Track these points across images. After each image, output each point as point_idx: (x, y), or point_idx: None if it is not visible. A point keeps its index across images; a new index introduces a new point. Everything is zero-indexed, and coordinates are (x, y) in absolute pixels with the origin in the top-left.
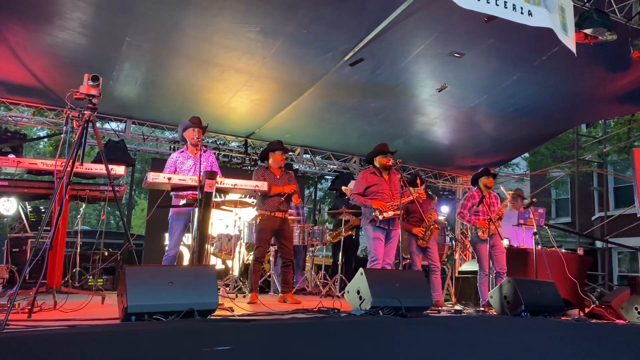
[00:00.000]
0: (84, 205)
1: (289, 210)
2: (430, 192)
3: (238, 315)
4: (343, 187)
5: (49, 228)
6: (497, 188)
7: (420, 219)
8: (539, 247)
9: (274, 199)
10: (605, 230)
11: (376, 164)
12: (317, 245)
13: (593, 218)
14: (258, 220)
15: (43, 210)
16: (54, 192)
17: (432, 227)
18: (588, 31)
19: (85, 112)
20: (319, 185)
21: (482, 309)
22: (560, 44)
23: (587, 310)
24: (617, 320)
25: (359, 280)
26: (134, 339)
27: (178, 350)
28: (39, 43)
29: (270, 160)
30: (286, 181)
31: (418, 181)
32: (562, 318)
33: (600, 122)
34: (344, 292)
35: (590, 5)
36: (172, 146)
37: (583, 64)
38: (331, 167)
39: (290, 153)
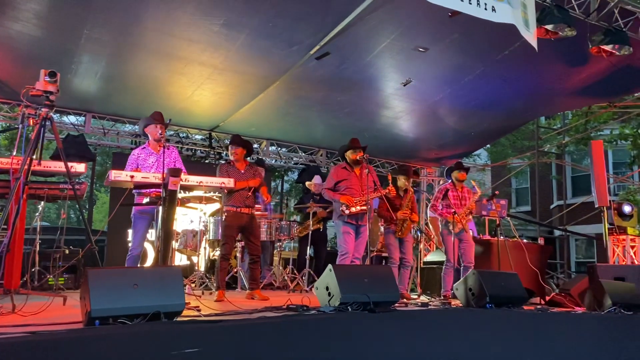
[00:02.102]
0: (42, 202)
1: (256, 206)
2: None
3: (205, 316)
4: (307, 183)
5: (5, 227)
6: (467, 181)
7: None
8: (502, 238)
9: (240, 194)
10: (565, 218)
11: (347, 158)
12: (284, 239)
13: (552, 206)
14: (224, 217)
15: None
16: (10, 192)
17: (407, 220)
18: (549, 27)
19: (43, 109)
20: (285, 178)
21: (444, 300)
22: (521, 39)
23: (547, 298)
24: (576, 308)
25: (328, 276)
26: (99, 345)
27: (145, 355)
28: None
29: (230, 155)
30: (251, 176)
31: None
32: (525, 308)
33: (559, 114)
34: (312, 287)
35: (551, 1)
36: (134, 140)
37: (543, 59)
38: (297, 160)
39: (256, 146)
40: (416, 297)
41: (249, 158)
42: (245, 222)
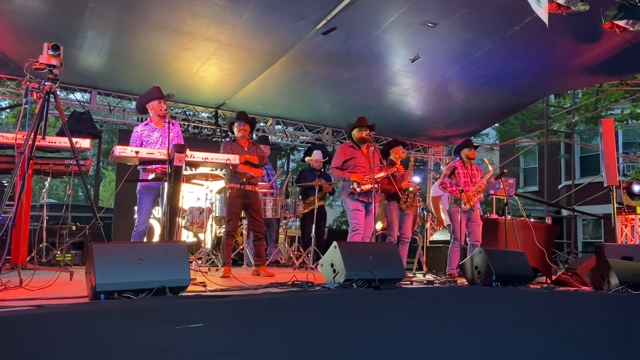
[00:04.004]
0: (49, 179)
1: (261, 184)
2: (408, 153)
3: (210, 291)
4: (307, 158)
5: (12, 203)
6: (480, 160)
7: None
8: (509, 217)
9: (244, 172)
10: (572, 198)
11: (353, 137)
12: (290, 217)
13: (560, 186)
14: (227, 194)
15: (5, 184)
16: (15, 167)
17: (413, 190)
18: (561, 1)
19: (47, 83)
20: (291, 157)
21: (450, 278)
22: (532, 14)
23: (553, 277)
24: (582, 287)
25: (333, 253)
26: (104, 318)
27: (149, 329)
28: None
29: (235, 132)
30: (254, 153)
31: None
32: (531, 286)
33: (569, 92)
34: (317, 264)
35: None
36: (140, 117)
37: (555, 35)
38: (303, 138)
39: (262, 124)
40: (421, 275)
41: (254, 135)
42: (248, 198)
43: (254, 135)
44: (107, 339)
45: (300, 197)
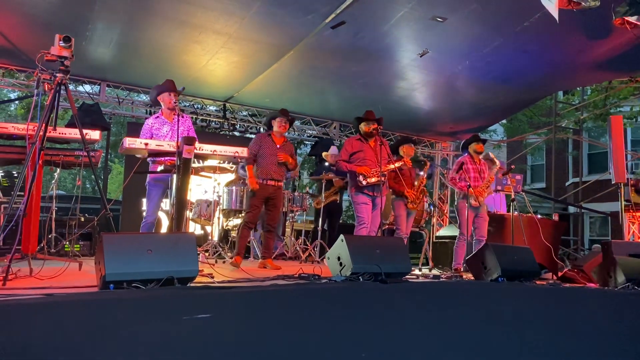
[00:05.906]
0: (58, 170)
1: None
2: (424, 158)
3: (218, 283)
4: (323, 153)
5: (22, 193)
6: (485, 154)
7: (412, 183)
8: (516, 212)
9: (268, 166)
10: (580, 195)
11: (360, 130)
12: (297, 211)
13: (567, 183)
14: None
15: (16, 175)
16: (26, 158)
17: (424, 190)
18: None
19: (58, 74)
20: (298, 151)
21: (456, 273)
22: (542, 10)
23: (560, 274)
24: (589, 284)
25: (340, 246)
26: (113, 307)
27: (157, 319)
28: (6, 0)
29: (274, 127)
30: (287, 152)
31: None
32: (537, 282)
33: (578, 89)
34: (323, 258)
35: None
36: (148, 110)
37: (564, 31)
38: (311, 132)
39: (297, 122)
40: (427, 270)
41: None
42: (269, 193)
43: (261, 129)
44: (116, 328)
45: (308, 190)
